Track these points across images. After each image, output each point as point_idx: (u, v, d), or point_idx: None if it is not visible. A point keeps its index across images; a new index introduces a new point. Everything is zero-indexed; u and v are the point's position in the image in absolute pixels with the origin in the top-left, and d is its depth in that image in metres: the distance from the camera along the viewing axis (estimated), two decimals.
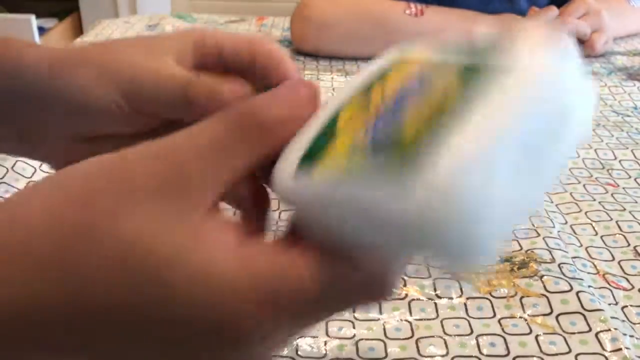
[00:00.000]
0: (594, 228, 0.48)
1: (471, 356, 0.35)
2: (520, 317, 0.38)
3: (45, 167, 0.45)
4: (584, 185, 0.54)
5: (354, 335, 0.37)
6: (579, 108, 0.21)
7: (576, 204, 0.51)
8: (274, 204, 0.26)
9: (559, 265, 0.41)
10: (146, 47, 0.29)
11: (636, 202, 0.51)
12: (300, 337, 0.36)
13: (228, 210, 0.24)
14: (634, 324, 0.38)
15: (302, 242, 0.21)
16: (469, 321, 0.38)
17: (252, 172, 0.22)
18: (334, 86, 0.77)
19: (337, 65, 0.85)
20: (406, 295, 0.39)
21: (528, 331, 0.37)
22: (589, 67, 0.84)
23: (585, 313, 0.37)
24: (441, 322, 0.38)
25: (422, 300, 0.39)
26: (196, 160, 0.21)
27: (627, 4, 0.95)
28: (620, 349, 0.35)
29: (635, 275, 0.43)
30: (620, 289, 0.41)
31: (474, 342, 0.36)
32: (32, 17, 1.61)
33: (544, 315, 0.38)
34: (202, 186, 0.20)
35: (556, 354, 0.35)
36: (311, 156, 0.21)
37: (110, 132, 0.29)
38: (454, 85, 0.20)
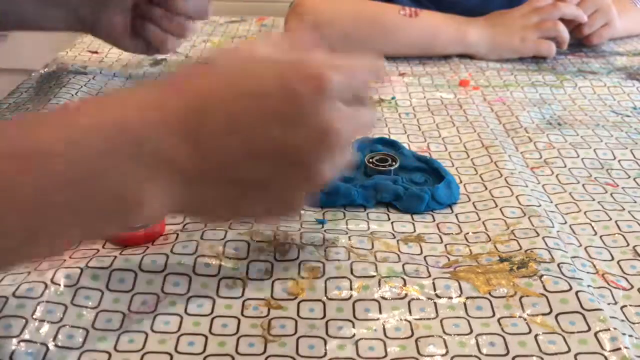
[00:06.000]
0: (593, 228, 0.48)
1: (471, 356, 0.35)
2: (520, 317, 0.38)
3: None
4: (583, 185, 0.54)
5: (354, 335, 0.37)
6: None
7: (575, 203, 0.51)
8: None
9: (558, 265, 0.42)
10: None
11: (635, 202, 0.51)
12: (300, 337, 0.37)
13: None
14: (634, 323, 0.38)
15: None
16: (468, 321, 0.38)
17: None
18: None
19: None
20: (406, 295, 0.39)
21: (527, 331, 0.37)
22: (588, 66, 0.84)
23: (585, 312, 0.37)
24: (441, 321, 0.38)
25: (422, 300, 0.39)
26: None
27: (632, 5, 0.95)
28: (620, 349, 0.35)
29: (634, 275, 0.43)
30: (619, 288, 0.41)
31: (473, 341, 0.36)
32: None
33: (544, 314, 0.38)
34: None
35: (555, 354, 0.35)
36: None
37: None
38: None
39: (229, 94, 0.33)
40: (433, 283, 0.40)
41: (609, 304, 0.40)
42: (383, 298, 0.39)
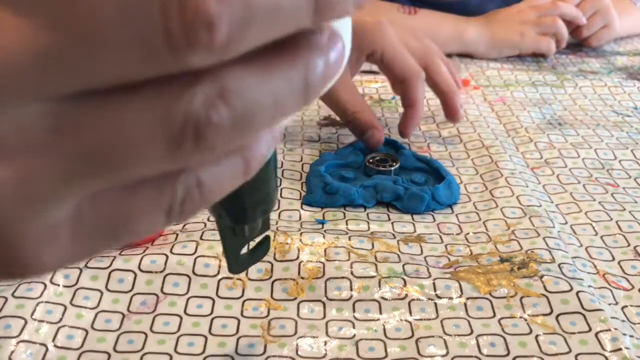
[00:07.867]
0: (593, 228, 0.48)
1: (471, 356, 0.35)
2: (520, 317, 0.38)
3: None
4: (583, 185, 0.54)
5: (354, 335, 0.37)
6: None
7: (576, 204, 0.51)
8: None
9: (559, 265, 0.41)
10: None
11: (636, 202, 0.51)
12: (300, 337, 0.37)
13: None
14: (634, 324, 0.38)
15: None
16: (468, 321, 0.38)
17: None
18: None
19: None
20: (406, 295, 0.39)
21: (528, 331, 0.37)
22: (588, 66, 0.84)
23: (585, 313, 0.37)
24: (441, 322, 0.38)
25: (422, 300, 0.39)
26: None
27: (632, 5, 0.95)
28: (620, 349, 0.35)
29: (635, 275, 0.43)
30: (620, 289, 0.41)
31: (474, 342, 0.36)
32: None
33: (544, 315, 0.38)
34: None
35: (556, 354, 0.35)
36: None
37: None
38: None
39: None
40: (433, 283, 0.40)
41: (609, 304, 0.40)
42: (383, 298, 0.39)
